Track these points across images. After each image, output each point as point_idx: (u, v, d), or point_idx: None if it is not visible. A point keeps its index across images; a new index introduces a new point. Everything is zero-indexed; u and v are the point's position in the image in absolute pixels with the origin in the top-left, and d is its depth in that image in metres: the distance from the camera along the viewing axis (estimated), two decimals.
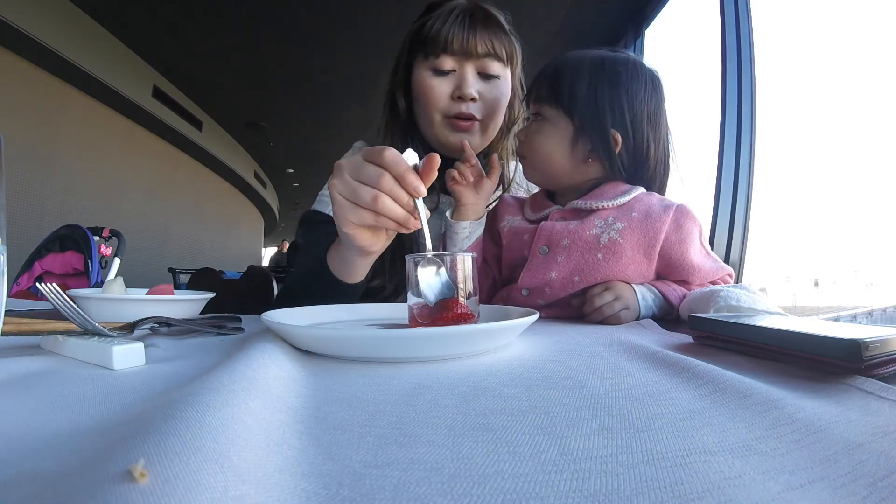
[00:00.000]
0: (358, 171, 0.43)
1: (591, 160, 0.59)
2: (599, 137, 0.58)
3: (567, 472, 0.15)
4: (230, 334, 0.44)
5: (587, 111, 0.58)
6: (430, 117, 0.69)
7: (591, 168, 0.60)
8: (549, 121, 0.61)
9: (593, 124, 0.58)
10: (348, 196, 0.44)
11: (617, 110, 0.58)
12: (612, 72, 0.58)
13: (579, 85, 0.58)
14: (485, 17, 0.67)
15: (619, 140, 0.58)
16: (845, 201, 3.69)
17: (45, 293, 0.37)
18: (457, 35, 0.65)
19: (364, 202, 0.43)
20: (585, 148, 0.59)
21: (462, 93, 0.67)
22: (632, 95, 0.58)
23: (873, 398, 0.23)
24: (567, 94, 0.59)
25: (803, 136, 2.79)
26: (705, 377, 0.26)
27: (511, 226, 0.64)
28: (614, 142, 0.58)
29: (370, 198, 0.42)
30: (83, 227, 1.54)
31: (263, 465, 0.15)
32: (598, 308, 0.53)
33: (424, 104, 0.69)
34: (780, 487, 0.15)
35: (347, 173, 0.44)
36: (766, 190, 1.58)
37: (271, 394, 0.22)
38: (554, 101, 0.60)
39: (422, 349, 0.32)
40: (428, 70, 0.68)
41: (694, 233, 0.57)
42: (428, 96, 0.68)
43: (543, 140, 0.61)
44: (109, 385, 0.26)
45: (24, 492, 0.13)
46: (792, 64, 2.50)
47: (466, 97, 0.67)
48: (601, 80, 0.58)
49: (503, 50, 0.68)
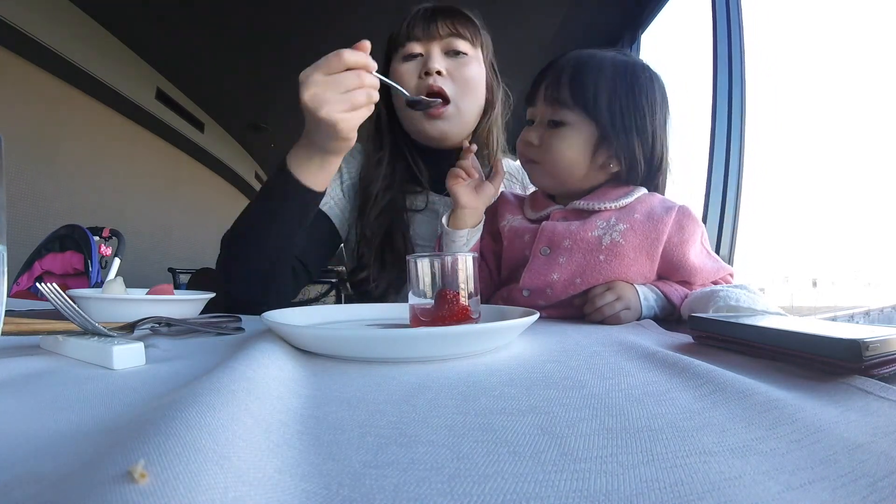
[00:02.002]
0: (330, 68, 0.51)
1: (612, 166, 0.59)
2: (624, 144, 0.57)
3: (567, 472, 0.15)
4: (230, 334, 0.44)
5: (613, 117, 0.57)
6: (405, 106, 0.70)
7: (605, 173, 0.60)
8: (570, 126, 0.58)
9: (618, 131, 0.57)
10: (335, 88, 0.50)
11: (639, 117, 0.57)
12: (633, 77, 0.58)
13: (603, 89, 0.57)
14: (447, 8, 0.71)
15: (640, 147, 0.58)
16: (844, 202, 3.70)
17: (45, 293, 0.37)
18: (420, 23, 0.68)
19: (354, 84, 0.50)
20: (607, 153, 0.58)
21: (427, 67, 0.68)
22: (651, 102, 0.58)
23: (873, 398, 0.23)
24: (592, 98, 0.57)
25: (803, 138, 2.80)
26: (705, 377, 0.26)
27: (512, 225, 0.64)
28: (638, 148, 0.58)
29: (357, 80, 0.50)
30: (83, 227, 1.54)
31: (263, 466, 0.15)
32: (599, 308, 0.53)
33: (398, 93, 0.70)
34: (780, 487, 0.15)
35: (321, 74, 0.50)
36: (766, 190, 1.59)
37: (271, 394, 0.22)
38: (575, 105, 0.58)
39: (422, 349, 0.32)
40: (399, 60, 0.70)
41: (696, 234, 0.57)
42: (398, 82, 0.68)
43: (565, 146, 0.58)
44: (109, 385, 0.26)
45: (24, 492, 0.13)
46: (787, 66, 2.51)
47: (431, 70, 0.68)
48: (623, 84, 0.58)
49: (467, 31, 0.70)
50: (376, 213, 0.72)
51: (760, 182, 1.54)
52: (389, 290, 0.72)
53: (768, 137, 1.63)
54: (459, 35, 0.70)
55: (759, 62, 1.61)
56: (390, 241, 0.72)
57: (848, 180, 4.42)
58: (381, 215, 0.73)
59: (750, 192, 1.52)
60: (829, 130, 3.22)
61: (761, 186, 1.54)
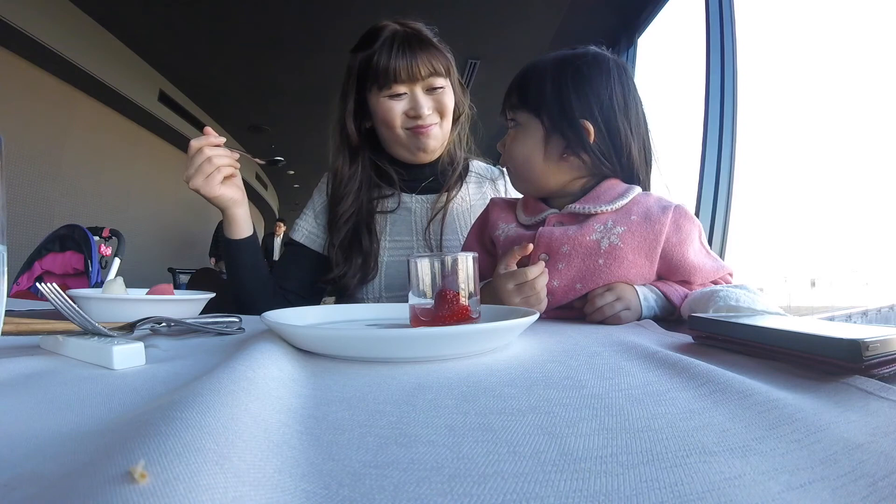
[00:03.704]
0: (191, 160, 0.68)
1: (567, 155, 0.59)
2: (570, 131, 0.58)
3: (567, 472, 0.15)
4: (230, 334, 0.44)
5: (553, 107, 0.59)
6: (395, 134, 0.80)
7: (571, 166, 0.60)
8: (522, 126, 0.62)
9: (560, 118, 0.58)
10: (199, 173, 0.68)
11: (582, 100, 0.58)
12: (573, 66, 0.59)
13: (543, 85, 0.60)
14: (419, 40, 0.78)
15: (591, 129, 0.57)
16: (843, 203, 3.69)
17: (45, 293, 0.37)
18: (402, 65, 0.76)
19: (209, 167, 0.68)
20: (560, 145, 0.59)
21: (417, 113, 0.78)
22: (597, 85, 0.58)
23: (873, 398, 0.23)
24: (533, 96, 0.60)
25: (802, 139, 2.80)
26: (705, 377, 0.26)
27: (507, 234, 0.63)
28: (586, 132, 0.57)
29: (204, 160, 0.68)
30: (83, 227, 1.54)
31: (263, 466, 0.15)
32: (599, 308, 0.53)
33: (388, 125, 0.79)
34: (780, 487, 0.15)
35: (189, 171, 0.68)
36: (766, 191, 1.59)
37: (271, 395, 0.22)
38: (523, 106, 0.61)
39: (422, 349, 0.32)
40: (385, 98, 0.78)
41: (693, 233, 0.57)
42: (389, 119, 0.79)
43: (519, 146, 0.62)
44: (109, 385, 0.26)
45: (24, 492, 0.13)
46: (783, 66, 2.52)
47: (423, 115, 0.78)
48: (563, 76, 0.59)
49: (440, 66, 0.79)
50: (343, 220, 0.82)
51: (761, 183, 1.54)
52: (358, 283, 0.81)
53: (767, 138, 1.65)
54: (436, 73, 0.78)
55: (755, 62, 1.64)
56: (358, 238, 0.81)
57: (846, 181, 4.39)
58: (348, 220, 0.82)
59: (749, 193, 1.53)
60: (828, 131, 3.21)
61: (762, 187, 1.55)
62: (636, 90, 0.62)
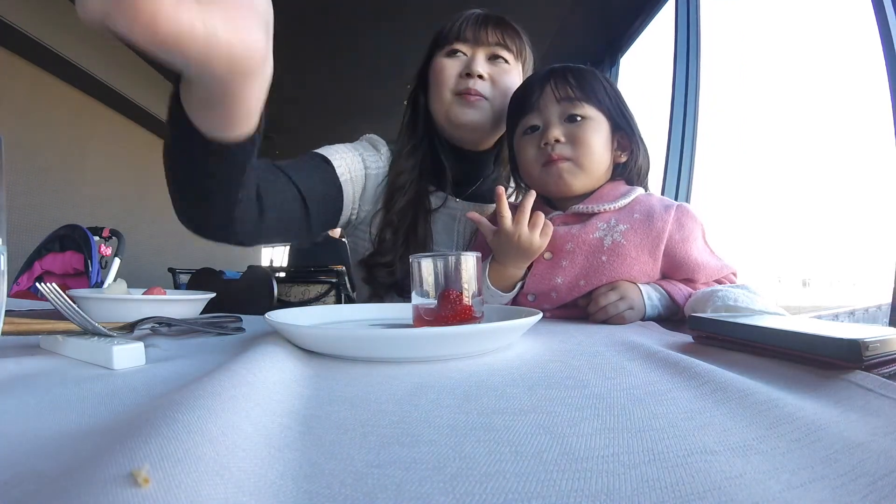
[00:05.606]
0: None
1: (622, 157, 0.63)
2: (629, 135, 0.62)
3: (569, 471, 0.16)
4: (230, 334, 0.44)
5: (612, 105, 0.61)
6: (442, 96, 0.71)
7: (610, 169, 0.63)
8: (592, 120, 0.60)
9: (619, 115, 0.61)
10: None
11: (628, 113, 0.63)
12: (606, 78, 0.64)
13: (600, 87, 0.61)
14: (498, 19, 0.72)
15: (636, 138, 0.62)
16: (833, 207, 3.72)
17: (45, 293, 0.37)
18: (470, 26, 0.70)
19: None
20: (618, 145, 0.63)
21: (470, 69, 0.69)
22: (617, 90, 0.64)
23: (873, 396, 0.23)
24: (597, 94, 0.61)
25: (802, 141, 2.84)
26: (706, 377, 0.26)
27: None
28: (634, 140, 0.62)
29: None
30: (83, 227, 1.54)
31: (265, 473, 0.15)
32: (603, 307, 0.54)
33: (436, 84, 0.72)
34: (781, 487, 0.15)
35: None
36: (764, 194, 1.61)
37: (272, 398, 0.22)
38: (587, 100, 0.60)
39: (424, 349, 0.32)
40: (442, 56, 0.72)
41: (696, 231, 0.57)
42: (439, 75, 0.71)
43: (596, 138, 0.60)
44: (109, 385, 0.26)
45: (24, 491, 0.13)
46: (780, 71, 2.61)
47: (474, 73, 0.70)
48: (610, 85, 0.63)
49: (513, 44, 0.72)
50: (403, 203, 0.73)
51: (756, 187, 1.57)
52: (406, 278, 0.69)
53: (762, 146, 1.71)
54: (506, 46, 0.72)
55: (748, 69, 1.75)
56: (414, 229, 0.73)
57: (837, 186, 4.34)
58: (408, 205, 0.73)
59: (749, 194, 1.55)
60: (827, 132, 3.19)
61: (756, 192, 1.57)
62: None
